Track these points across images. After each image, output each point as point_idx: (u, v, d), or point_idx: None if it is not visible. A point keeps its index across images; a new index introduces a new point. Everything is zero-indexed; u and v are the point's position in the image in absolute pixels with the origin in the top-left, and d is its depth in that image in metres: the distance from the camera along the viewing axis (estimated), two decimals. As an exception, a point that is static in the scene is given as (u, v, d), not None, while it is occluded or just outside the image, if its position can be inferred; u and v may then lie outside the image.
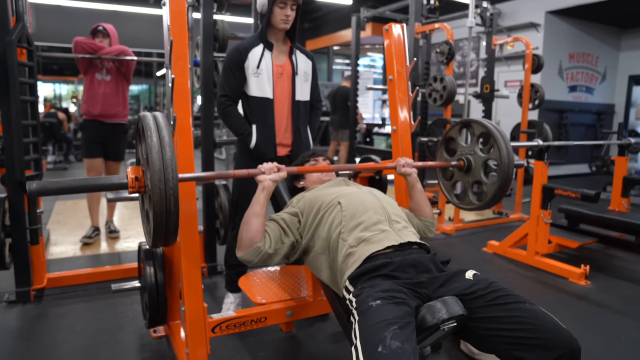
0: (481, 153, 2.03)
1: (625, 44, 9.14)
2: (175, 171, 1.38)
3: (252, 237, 1.70)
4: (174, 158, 1.39)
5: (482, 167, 2.03)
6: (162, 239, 1.46)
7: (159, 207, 1.37)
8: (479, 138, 2.06)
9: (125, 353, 2.23)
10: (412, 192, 2.02)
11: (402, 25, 2.41)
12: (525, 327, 1.32)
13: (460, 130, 2.16)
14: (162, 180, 1.35)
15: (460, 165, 2.10)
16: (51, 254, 3.63)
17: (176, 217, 1.41)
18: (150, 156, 1.36)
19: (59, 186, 1.45)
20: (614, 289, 3.19)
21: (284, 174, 1.77)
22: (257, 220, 1.71)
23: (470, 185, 2.11)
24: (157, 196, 1.36)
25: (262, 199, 1.72)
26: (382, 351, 1.18)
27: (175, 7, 1.84)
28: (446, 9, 5.57)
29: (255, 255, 1.71)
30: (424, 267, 1.54)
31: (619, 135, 4.14)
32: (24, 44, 2.67)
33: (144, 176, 1.49)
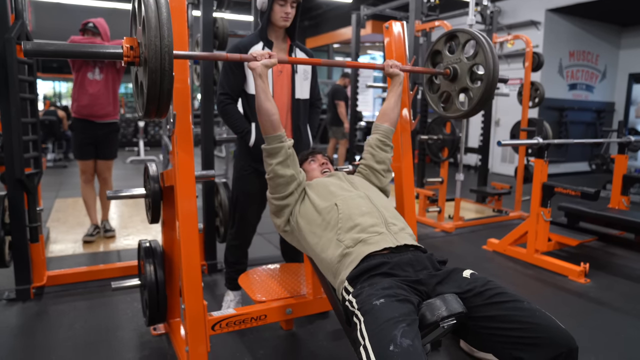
0: (466, 60, 2.07)
1: (626, 42, 9.13)
2: (170, 30, 1.38)
3: (273, 120, 1.79)
4: (170, 18, 1.39)
5: (468, 74, 2.06)
6: (155, 103, 1.45)
7: (154, 64, 1.36)
8: (464, 46, 2.09)
9: (125, 351, 2.23)
10: (392, 91, 2.12)
11: (402, 23, 2.40)
12: (523, 326, 1.32)
13: (446, 43, 2.19)
14: (158, 36, 1.35)
15: (446, 73, 2.14)
16: (51, 251, 3.63)
17: (170, 77, 1.41)
18: (146, 14, 1.36)
19: (54, 48, 1.45)
20: (613, 286, 3.19)
21: (275, 60, 1.79)
22: (270, 104, 1.79)
23: (456, 93, 2.14)
24: (153, 52, 1.35)
25: (261, 84, 1.77)
26: (394, 350, 1.17)
27: (175, 4, 1.83)
28: (446, 6, 5.56)
29: (277, 141, 1.80)
30: (421, 265, 1.54)
31: (619, 134, 4.14)
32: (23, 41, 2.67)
33: (139, 47, 1.49)
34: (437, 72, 2.16)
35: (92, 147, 3.82)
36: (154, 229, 4.27)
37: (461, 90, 2.11)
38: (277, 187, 1.85)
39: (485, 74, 1.96)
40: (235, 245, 2.61)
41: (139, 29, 1.50)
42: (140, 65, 1.50)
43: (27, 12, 2.79)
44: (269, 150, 1.82)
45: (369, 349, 1.23)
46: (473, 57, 2.03)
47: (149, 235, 4.11)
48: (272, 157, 1.82)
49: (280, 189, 1.85)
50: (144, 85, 1.44)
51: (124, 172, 7.92)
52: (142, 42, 1.45)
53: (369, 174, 2.07)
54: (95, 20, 3.66)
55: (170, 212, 2.21)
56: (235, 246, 2.61)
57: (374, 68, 2.21)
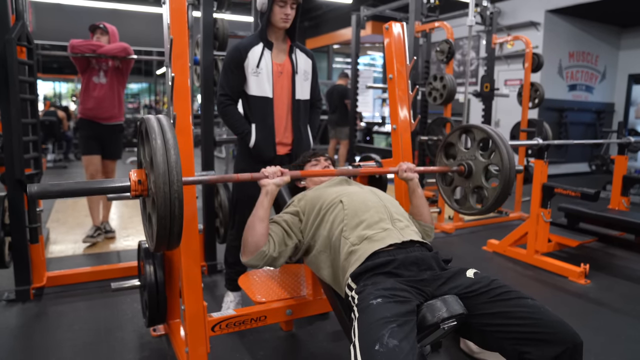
0: (482, 158, 2.03)
1: (625, 43, 9.14)
2: (180, 174, 1.35)
3: (257, 242, 1.70)
4: (179, 161, 1.36)
5: (483, 173, 2.03)
6: (165, 243, 1.43)
7: (163, 211, 1.34)
8: (480, 143, 2.06)
9: (125, 351, 2.23)
10: (413, 197, 2.02)
11: (402, 23, 2.41)
12: (529, 321, 1.33)
13: (460, 136, 2.16)
14: (167, 183, 1.32)
15: (460, 171, 2.10)
16: (51, 252, 3.63)
17: (180, 221, 1.38)
18: (154, 159, 1.34)
19: (60, 189, 1.42)
20: (613, 287, 3.19)
21: (287, 179, 1.76)
22: (261, 225, 1.71)
23: (470, 191, 2.10)
24: (162, 199, 1.33)
25: (266, 204, 1.72)
26: (379, 349, 1.18)
27: (175, 5, 1.83)
28: (446, 7, 5.56)
29: (261, 260, 1.71)
30: (426, 265, 1.54)
31: (619, 134, 4.14)
32: (23, 42, 2.67)
33: (147, 179, 1.47)
34: (452, 170, 2.13)
35: (97, 143, 3.83)
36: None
37: (475, 188, 2.08)
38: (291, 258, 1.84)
39: (502, 176, 1.92)
40: (235, 246, 2.61)
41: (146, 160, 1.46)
42: (149, 198, 1.48)
43: (27, 13, 2.79)
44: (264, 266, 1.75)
45: (357, 346, 1.25)
46: (488, 156, 2.00)
47: (149, 236, 4.11)
48: (272, 265, 1.78)
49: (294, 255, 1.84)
50: (153, 222, 1.42)
51: (124, 173, 7.91)
52: (150, 176, 1.43)
53: None
54: (107, 24, 3.73)
55: (170, 213, 2.20)
56: (235, 247, 2.61)
57: (387, 172, 2.13)
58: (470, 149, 2.09)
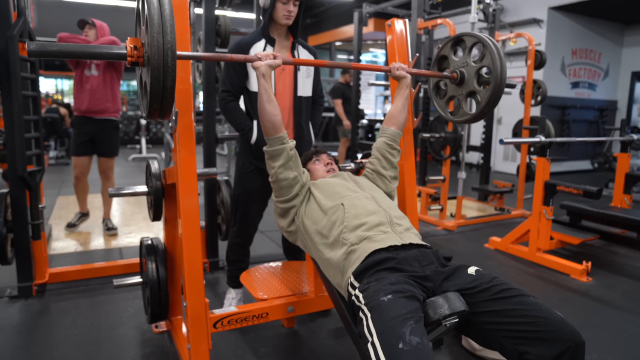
0: (473, 63, 2.05)
1: (628, 40, 9.10)
2: (173, 27, 1.38)
3: (274, 121, 1.78)
4: (172, 16, 1.39)
5: (475, 77, 2.05)
6: (158, 102, 1.45)
7: (157, 61, 1.36)
8: (471, 50, 2.08)
9: (127, 348, 2.23)
10: (398, 93, 2.11)
11: (404, 20, 2.40)
12: (530, 320, 1.31)
13: (453, 47, 2.18)
14: (161, 33, 1.36)
15: (453, 77, 2.12)
16: (53, 249, 3.63)
17: (173, 74, 1.40)
18: (149, 12, 1.37)
19: (58, 49, 1.45)
20: (615, 285, 3.18)
21: (279, 62, 1.79)
22: (271, 105, 1.78)
23: (464, 97, 2.13)
24: (155, 49, 1.36)
25: (265, 84, 1.77)
26: (404, 347, 1.16)
27: (178, 2, 1.83)
28: (449, 4, 5.55)
29: (279, 142, 1.79)
30: (427, 260, 1.54)
31: (622, 132, 4.14)
32: (25, 38, 2.67)
33: (142, 47, 1.49)
34: (444, 75, 2.14)
35: (89, 144, 3.85)
36: (155, 227, 4.27)
37: (469, 94, 2.09)
38: (280, 190, 1.85)
39: (493, 76, 1.94)
40: (237, 243, 2.61)
41: (142, 29, 1.49)
42: (144, 66, 1.50)
43: (29, 10, 2.79)
44: (271, 152, 1.81)
45: (377, 346, 1.22)
46: (480, 60, 2.01)
47: (151, 232, 4.12)
48: (274, 159, 1.81)
49: (285, 191, 1.85)
50: (147, 84, 1.44)
51: (126, 170, 7.93)
52: (145, 42, 1.45)
53: (376, 178, 2.06)
54: (95, 20, 3.74)
55: (172, 209, 2.21)
56: (237, 244, 2.61)
57: (380, 70, 2.19)
58: (462, 57, 2.12)
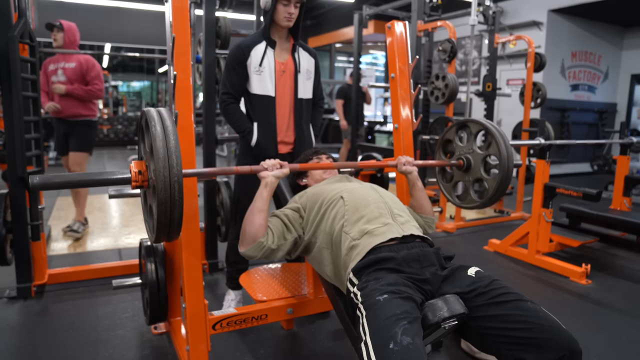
0: (479, 150, 2.05)
1: (628, 43, 9.11)
2: (179, 159, 1.36)
3: (255, 233, 1.71)
4: (178, 146, 1.37)
5: (482, 164, 2.04)
6: (166, 231, 1.43)
7: (163, 196, 1.34)
8: (476, 136, 2.07)
9: (126, 349, 2.23)
10: (413, 190, 2.03)
11: (404, 23, 2.40)
12: (526, 326, 1.31)
13: (457, 132, 2.17)
14: (167, 167, 1.33)
15: (459, 164, 2.11)
16: (52, 250, 3.63)
17: (180, 206, 1.38)
18: (154, 144, 1.35)
19: (61, 180, 1.45)
20: (614, 288, 3.19)
21: (287, 171, 1.77)
22: (260, 216, 1.72)
23: (471, 184, 2.11)
24: (162, 184, 1.33)
25: (265, 195, 1.73)
26: (394, 347, 1.17)
27: (178, 3, 1.83)
28: (449, 6, 5.55)
29: (258, 251, 1.72)
30: (428, 261, 1.54)
31: (621, 134, 4.14)
32: (26, 40, 2.67)
33: (147, 170, 1.49)
34: (450, 164, 2.14)
35: (65, 143, 3.89)
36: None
37: (475, 181, 2.09)
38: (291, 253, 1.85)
39: (500, 166, 1.93)
40: (236, 244, 2.59)
41: (146, 151, 1.47)
42: (149, 189, 1.49)
43: (30, 11, 2.79)
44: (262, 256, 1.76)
45: (369, 345, 1.23)
46: (486, 147, 2.01)
47: (150, 234, 4.11)
48: (270, 257, 1.78)
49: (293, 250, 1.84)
50: (154, 211, 1.42)
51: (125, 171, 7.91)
52: (150, 166, 1.44)
53: None
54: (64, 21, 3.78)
55: (172, 211, 2.20)
56: (236, 245, 2.60)
57: (387, 166, 2.13)
58: (468, 143, 2.11)
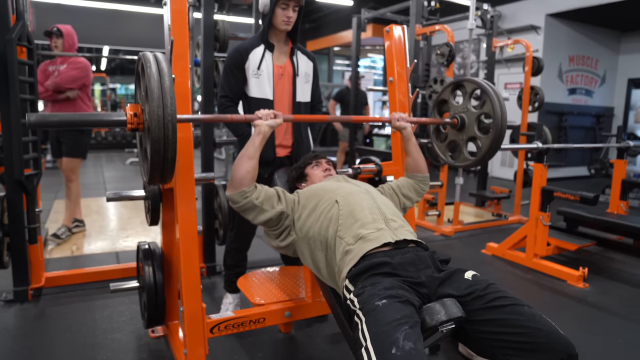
0: (474, 109, 2.07)
1: (625, 47, 9.15)
2: (173, 99, 1.40)
3: (242, 178, 1.75)
4: (173, 87, 1.41)
5: (476, 123, 2.07)
6: (159, 171, 1.47)
7: (157, 134, 1.38)
8: (471, 95, 2.10)
9: (123, 353, 2.22)
10: (408, 144, 2.09)
11: (402, 26, 2.41)
12: (523, 330, 1.31)
13: (453, 92, 2.19)
14: (161, 106, 1.38)
15: (454, 123, 2.14)
16: (49, 253, 3.62)
17: (174, 145, 1.42)
18: (149, 85, 1.39)
19: (58, 119, 1.47)
20: (612, 291, 3.19)
21: (280, 120, 1.80)
22: (249, 163, 1.76)
23: (464, 143, 2.14)
24: (156, 123, 1.37)
25: (257, 143, 1.77)
26: (397, 353, 1.16)
27: (176, 6, 1.84)
28: (447, 10, 5.58)
29: (241, 197, 1.75)
30: (423, 264, 1.53)
31: (618, 138, 4.15)
32: (24, 42, 2.67)
33: (142, 113, 1.52)
34: (444, 122, 2.16)
35: (57, 146, 3.89)
36: (153, 231, 4.26)
37: (469, 139, 2.11)
38: (270, 228, 1.85)
39: (494, 124, 1.95)
40: (234, 247, 2.61)
41: (142, 94, 1.51)
42: (144, 132, 1.53)
43: (28, 13, 2.79)
44: (240, 208, 1.78)
45: (371, 351, 1.22)
46: (480, 106, 2.02)
47: (148, 237, 4.11)
48: (247, 213, 1.79)
49: (272, 224, 1.84)
50: (148, 152, 1.45)
51: (123, 174, 7.92)
52: (145, 109, 1.47)
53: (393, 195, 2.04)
54: (61, 26, 3.76)
55: (170, 214, 2.20)
56: (234, 249, 2.61)
57: (381, 121, 2.20)
58: (463, 102, 2.13)
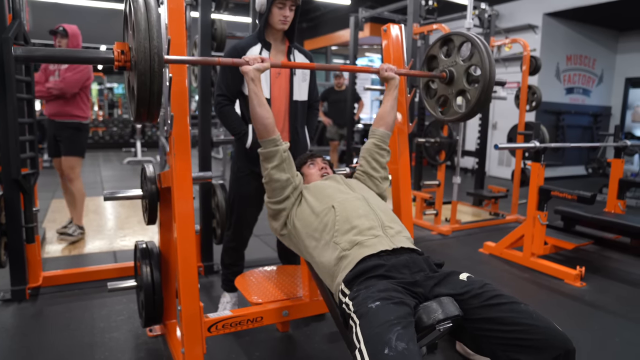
0: (462, 62, 2.07)
1: (622, 47, 9.17)
2: (160, 32, 1.39)
3: (266, 124, 1.82)
4: (159, 21, 1.40)
5: (465, 76, 2.06)
6: (145, 106, 1.45)
7: (143, 67, 1.37)
8: (460, 49, 2.09)
9: (121, 352, 2.22)
10: (387, 94, 2.12)
11: (400, 25, 2.41)
12: (521, 328, 1.32)
13: (442, 47, 2.19)
14: (147, 39, 1.36)
15: (442, 77, 2.13)
16: (47, 252, 3.62)
17: (160, 78, 1.41)
18: (135, 18, 1.37)
19: (44, 53, 1.46)
20: (609, 290, 3.20)
21: (268, 65, 1.81)
22: (262, 109, 1.81)
23: (454, 96, 2.14)
24: (142, 55, 1.36)
25: (254, 88, 1.80)
26: (389, 353, 1.16)
27: (174, 5, 1.83)
28: (444, 10, 5.58)
29: (272, 145, 1.82)
30: (417, 267, 1.54)
31: (616, 138, 4.16)
32: (20, 41, 2.66)
33: (130, 51, 1.50)
34: (433, 75, 2.16)
35: (56, 146, 3.89)
36: (150, 230, 4.26)
37: (458, 93, 2.11)
38: (273, 191, 1.87)
39: (482, 75, 1.95)
40: (231, 247, 2.61)
41: (130, 33, 1.51)
42: (132, 70, 1.51)
43: (24, 12, 2.78)
44: (265, 154, 1.84)
45: (364, 352, 1.23)
46: (469, 58, 2.03)
47: (146, 236, 4.11)
48: (268, 161, 1.84)
49: (277, 192, 1.86)
50: (134, 88, 1.44)
51: (120, 173, 7.91)
52: (133, 46, 1.46)
53: (366, 180, 2.08)
54: (67, 25, 3.73)
55: (167, 213, 2.20)
56: (231, 248, 2.61)
57: (369, 72, 2.21)
58: (451, 56, 2.13)
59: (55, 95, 3.67)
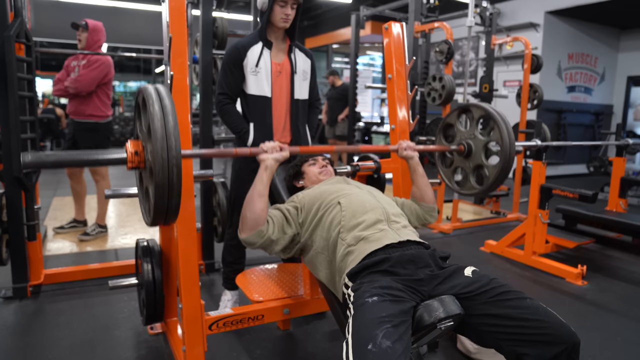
0: (481, 136, 2.02)
1: (624, 45, 9.15)
2: (178, 140, 1.31)
3: (257, 218, 1.70)
4: (177, 127, 1.32)
5: (483, 151, 2.02)
6: (163, 215, 1.38)
7: (161, 179, 1.29)
8: (478, 122, 2.05)
9: (122, 350, 2.23)
10: (414, 175, 2.01)
11: (401, 24, 2.41)
12: (528, 323, 1.33)
13: (459, 116, 2.15)
14: (165, 149, 1.28)
15: (460, 150, 2.08)
16: (48, 250, 3.62)
17: (179, 190, 1.34)
18: (152, 125, 1.30)
19: (54, 159, 1.41)
20: (610, 289, 3.20)
21: (286, 154, 1.77)
22: (260, 201, 1.71)
23: (471, 170, 2.09)
24: (160, 166, 1.28)
25: (265, 179, 1.73)
26: (372, 349, 1.17)
27: (175, 3, 1.83)
28: (446, 8, 5.57)
29: (259, 238, 1.72)
30: (423, 262, 1.54)
31: (617, 136, 4.15)
32: (22, 39, 2.66)
33: (144, 150, 1.43)
34: (451, 149, 2.11)
35: (72, 144, 3.89)
36: (151, 228, 4.26)
37: (476, 168, 2.06)
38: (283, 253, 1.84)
39: (502, 153, 1.90)
40: (233, 244, 2.61)
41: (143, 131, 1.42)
42: (146, 170, 1.44)
43: (26, 10, 2.78)
44: (261, 245, 1.76)
45: (350, 344, 1.24)
46: (488, 133, 1.98)
47: (147, 234, 4.11)
48: (267, 249, 1.78)
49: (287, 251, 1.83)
50: (150, 194, 1.37)
51: (122, 171, 7.91)
52: (147, 146, 1.39)
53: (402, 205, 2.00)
54: (90, 20, 3.74)
55: (168, 211, 2.20)
56: (233, 246, 2.61)
57: (387, 150, 2.12)
58: (469, 128, 2.08)
59: (72, 93, 3.67)
